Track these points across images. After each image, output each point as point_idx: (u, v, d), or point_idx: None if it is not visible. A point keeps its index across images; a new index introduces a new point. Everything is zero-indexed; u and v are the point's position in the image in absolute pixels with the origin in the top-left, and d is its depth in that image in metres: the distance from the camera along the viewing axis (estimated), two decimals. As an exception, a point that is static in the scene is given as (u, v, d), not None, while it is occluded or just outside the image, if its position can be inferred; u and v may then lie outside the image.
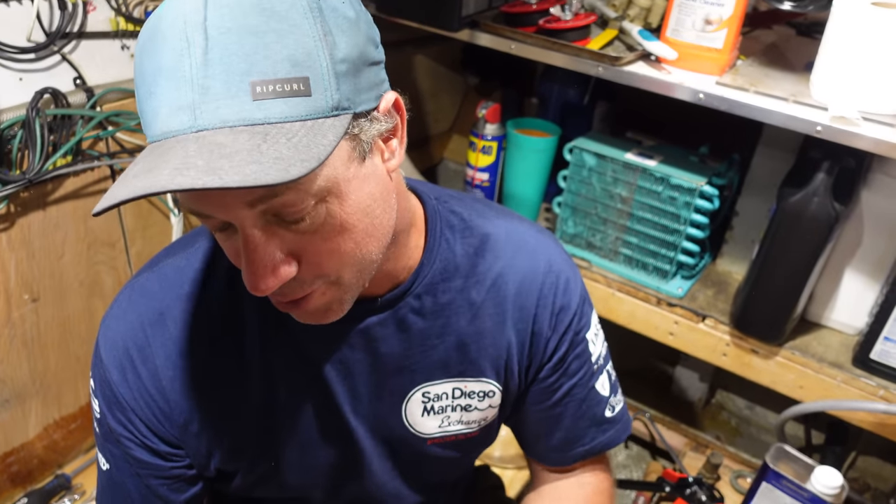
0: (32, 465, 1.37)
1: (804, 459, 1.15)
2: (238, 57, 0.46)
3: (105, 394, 0.68)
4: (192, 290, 0.67)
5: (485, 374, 0.75)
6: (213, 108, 0.46)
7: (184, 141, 0.46)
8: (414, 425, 0.75)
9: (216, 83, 0.46)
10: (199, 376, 0.67)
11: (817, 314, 1.33)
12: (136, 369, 0.66)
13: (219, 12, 0.46)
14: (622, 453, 1.85)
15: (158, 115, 0.47)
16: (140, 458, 0.69)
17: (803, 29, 1.41)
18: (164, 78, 0.47)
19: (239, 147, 0.45)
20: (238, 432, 0.70)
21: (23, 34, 1.08)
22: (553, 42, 1.23)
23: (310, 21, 0.48)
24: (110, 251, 1.35)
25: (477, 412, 0.77)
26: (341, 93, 0.49)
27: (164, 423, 0.68)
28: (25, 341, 1.26)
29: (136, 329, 0.66)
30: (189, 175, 0.43)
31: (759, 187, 1.34)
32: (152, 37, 0.48)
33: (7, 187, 1.10)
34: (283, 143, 0.46)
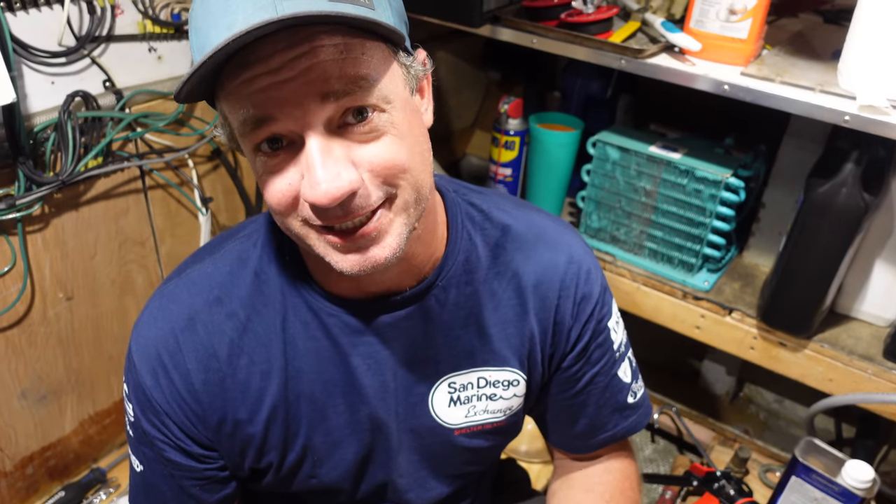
0: (69, 460, 1.41)
1: (834, 453, 1.13)
2: None
3: (139, 398, 0.69)
4: (220, 294, 0.69)
5: (508, 364, 0.76)
6: (294, 4, 0.49)
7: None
8: (441, 416, 0.76)
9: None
10: (230, 378, 0.69)
11: (847, 306, 1.31)
12: (168, 374, 0.68)
13: None
14: (649, 447, 1.84)
15: (234, 26, 0.49)
16: (174, 459, 0.71)
17: (830, 16, 1.39)
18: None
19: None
20: (269, 430, 0.71)
21: (54, 39, 1.11)
22: (575, 35, 1.22)
23: None
24: (141, 250, 1.38)
25: (502, 401, 0.78)
26: (395, 21, 0.55)
27: (197, 426, 0.70)
28: (61, 339, 1.30)
29: (167, 335, 0.68)
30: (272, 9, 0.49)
31: (786, 178, 1.32)
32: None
33: (41, 189, 1.13)
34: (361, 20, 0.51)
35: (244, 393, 0.69)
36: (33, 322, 1.24)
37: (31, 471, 1.34)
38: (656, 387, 1.80)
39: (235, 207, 1.54)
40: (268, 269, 0.69)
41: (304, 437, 0.73)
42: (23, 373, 1.25)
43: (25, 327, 1.23)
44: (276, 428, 0.71)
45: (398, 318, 0.70)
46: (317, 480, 0.76)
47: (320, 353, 0.70)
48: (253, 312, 0.69)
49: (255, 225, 0.73)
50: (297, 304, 0.69)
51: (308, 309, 0.69)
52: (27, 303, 1.22)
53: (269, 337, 0.69)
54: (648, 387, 0.86)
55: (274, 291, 0.69)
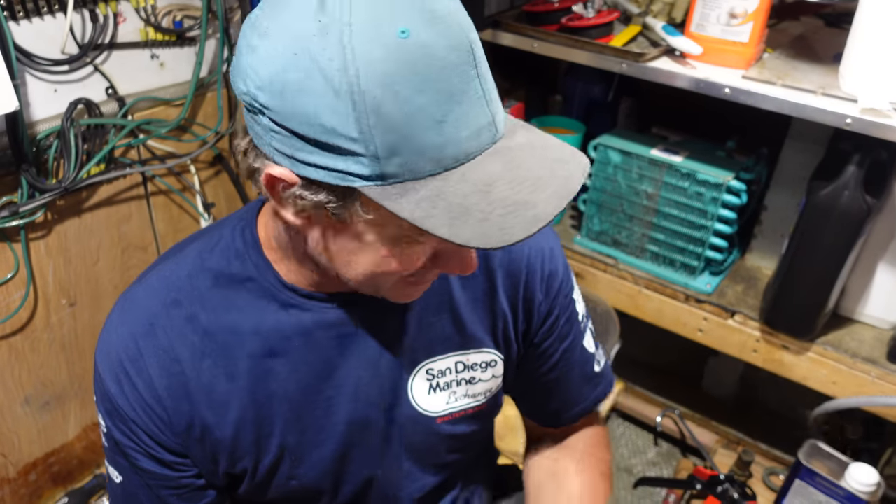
0: (72, 466, 1.41)
1: (838, 456, 1.13)
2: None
3: (107, 408, 0.69)
4: (178, 296, 0.68)
5: (484, 345, 0.77)
6: (501, 117, 0.54)
7: (498, 155, 0.53)
8: (421, 404, 0.76)
9: (493, 93, 0.53)
10: (194, 381, 0.68)
11: (850, 309, 1.30)
12: (131, 381, 0.67)
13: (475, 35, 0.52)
14: (652, 451, 1.84)
15: (461, 140, 0.51)
16: (147, 468, 0.70)
17: (832, 19, 1.39)
18: (452, 102, 0.50)
19: (548, 143, 0.56)
20: (239, 432, 0.71)
21: (57, 47, 1.11)
22: (576, 40, 1.23)
23: None
24: (143, 255, 1.38)
25: (482, 384, 0.79)
26: None
27: (165, 433, 0.69)
28: (64, 345, 1.30)
29: (127, 342, 0.67)
30: (562, 184, 0.53)
31: (788, 181, 1.32)
32: (423, 67, 0.48)
33: (44, 196, 1.13)
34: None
35: (209, 396, 0.69)
36: (36, 328, 1.24)
37: (34, 477, 1.34)
38: (659, 390, 1.79)
39: (238, 213, 1.54)
40: (231, 271, 0.69)
41: (278, 437, 0.72)
42: (26, 379, 1.26)
43: (28, 334, 1.23)
44: (246, 430, 0.71)
45: (369, 310, 0.70)
46: (296, 482, 0.75)
47: (292, 352, 0.70)
48: (214, 314, 0.68)
49: (217, 230, 0.72)
50: (263, 303, 0.69)
51: (278, 306, 0.69)
52: (30, 309, 1.22)
53: (233, 338, 0.68)
54: (652, 390, 0.87)
55: (238, 292, 0.69)
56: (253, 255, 0.68)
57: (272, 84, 0.50)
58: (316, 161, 0.51)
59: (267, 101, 0.51)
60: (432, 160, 0.51)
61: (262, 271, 0.68)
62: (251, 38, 0.52)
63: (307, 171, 0.53)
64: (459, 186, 0.51)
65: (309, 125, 0.50)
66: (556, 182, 0.53)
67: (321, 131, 0.50)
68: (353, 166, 0.51)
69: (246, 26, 0.54)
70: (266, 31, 0.51)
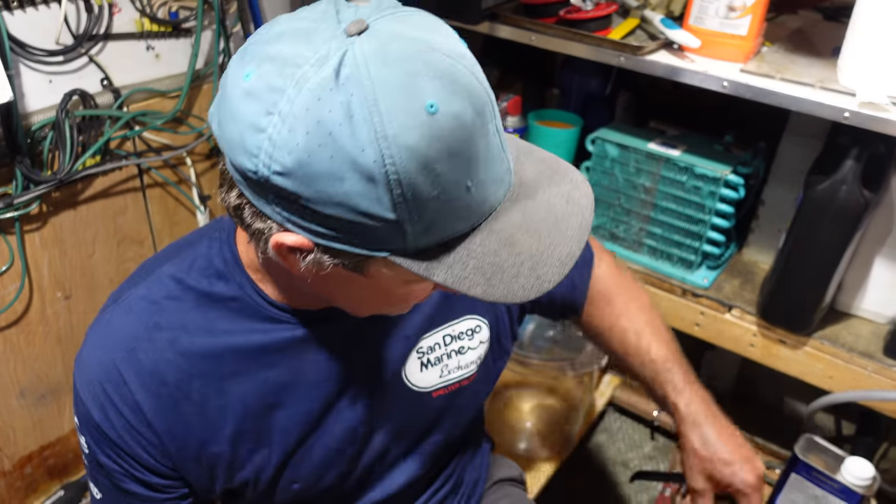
0: (68, 459, 1.41)
1: (834, 450, 1.13)
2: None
3: (91, 433, 0.67)
4: (159, 319, 0.66)
5: (467, 312, 0.78)
6: (511, 161, 0.54)
7: (516, 201, 0.53)
8: (415, 383, 0.77)
9: (505, 137, 0.53)
10: (184, 401, 0.67)
11: (847, 303, 1.31)
12: (117, 408, 0.66)
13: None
14: (648, 445, 1.84)
15: (486, 197, 0.51)
16: (132, 490, 0.69)
17: (830, 13, 1.38)
18: (478, 166, 0.49)
19: (554, 169, 0.57)
20: (237, 445, 0.70)
21: (51, 37, 1.10)
22: (574, 32, 1.22)
23: None
24: (139, 248, 1.38)
25: (471, 352, 0.79)
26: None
27: (155, 456, 0.68)
28: (59, 338, 1.29)
29: (108, 368, 0.65)
30: (577, 229, 0.55)
31: (786, 175, 1.32)
32: (455, 140, 0.47)
33: (39, 187, 1.12)
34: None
35: (202, 413, 0.67)
36: (31, 321, 1.24)
37: (29, 470, 1.34)
38: (656, 384, 1.79)
39: (234, 206, 1.53)
40: (213, 290, 0.67)
41: (278, 445, 0.72)
42: (21, 372, 1.25)
43: (23, 326, 1.23)
44: (243, 443, 0.70)
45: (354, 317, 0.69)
46: (299, 485, 0.75)
47: (283, 362, 0.69)
48: (198, 336, 0.66)
49: (188, 250, 0.70)
50: (250, 320, 0.67)
51: (266, 322, 0.67)
52: (25, 302, 1.21)
53: (220, 357, 0.67)
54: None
55: (222, 312, 0.67)
56: (237, 275, 0.67)
57: (296, 173, 0.46)
58: (341, 237, 0.50)
59: (289, 186, 0.47)
60: (461, 222, 0.50)
61: (246, 290, 0.67)
62: (251, 112, 0.47)
63: (329, 243, 0.50)
64: (487, 243, 0.51)
65: (338, 209, 0.47)
66: (574, 215, 0.55)
67: (352, 215, 0.48)
68: (384, 242, 0.50)
69: (236, 91, 0.48)
70: (274, 109, 0.46)
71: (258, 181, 0.48)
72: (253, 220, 0.53)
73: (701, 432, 0.85)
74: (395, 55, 0.46)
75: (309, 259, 0.52)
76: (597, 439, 1.85)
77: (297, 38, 0.47)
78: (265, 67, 0.47)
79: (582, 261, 0.92)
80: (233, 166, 0.50)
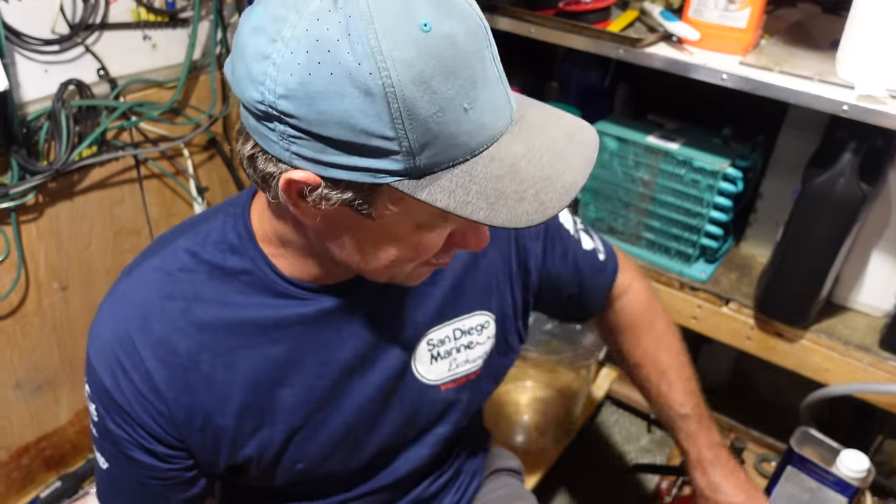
0: (65, 450, 1.41)
1: (830, 443, 1.13)
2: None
3: (101, 399, 0.68)
4: (172, 290, 0.67)
5: (477, 307, 0.79)
6: (513, 96, 0.55)
7: (518, 133, 0.54)
8: (425, 375, 0.77)
9: (503, 73, 0.53)
10: (193, 371, 0.68)
11: (843, 297, 1.31)
12: (128, 374, 0.66)
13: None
14: (645, 438, 1.85)
15: (484, 123, 0.52)
16: (138, 458, 0.70)
17: (829, 6, 1.38)
18: (476, 88, 0.50)
19: (558, 115, 0.58)
20: (242, 420, 0.71)
21: (47, 26, 1.10)
22: (573, 25, 1.22)
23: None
24: (136, 239, 1.37)
25: (479, 347, 0.81)
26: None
27: (162, 425, 0.68)
28: (56, 328, 1.29)
29: (122, 336, 0.67)
30: (581, 154, 0.56)
31: (784, 169, 1.32)
32: (449, 58, 0.49)
33: (35, 178, 1.12)
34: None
35: (210, 386, 0.68)
36: (28, 312, 1.23)
37: (26, 461, 1.34)
38: (653, 377, 1.80)
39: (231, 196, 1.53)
40: (226, 264, 0.68)
41: (283, 423, 0.72)
42: (17, 363, 1.25)
43: (20, 317, 1.22)
44: (249, 418, 0.71)
45: (369, 294, 0.70)
46: (303, 465, 0.76)
47: (292, 339, 0.70)
48: (210, 307, 0.68)
49: (203, 224, 0.71)
50: (261, 294, 0.68)
51: (276, 298, 0.68)
52: (21, 293, 1.21)
53: (230, 329, 0.68)
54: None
55: (234, 285, 0.68)
56: (249, 248, 0.68)
57: (298, 93, 0.49)
58: (344, 162, 0.51)
59: (291, 110, 0.49)
60: (461, 147, 0.51)
61: (258, 264, 0.68)
62: (258, 43, 0.50)
63: (333, 173, 0.52)
64: (489, 169, 0.52)
65: (339, 129, 0.49)
66: (575, 151, 0.55)
67: (352, 134, 0.49)
68: (385, 164, 0.50)
69: (245, 30, 0.52)
70: (277, 36, 0.49)
71: (265, 112, 0.51)
72: (265, 165, 0.55)
73: (708, 478, 0.92)
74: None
75: (315, 195, 0.54)
76: (594, 432, 1.85)
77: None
78: (271, 4, 0.50)
79: (595, 267, 0.92)
80: (244, 108, 0.53)
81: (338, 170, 0.51)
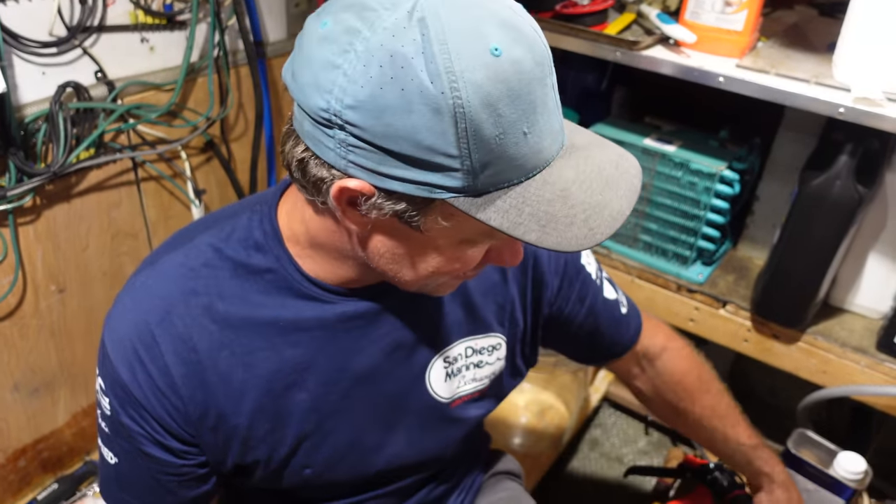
0: (62, 452, 1.40)
1: (827, 445, 1.13)
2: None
3: (117, 393, 0.68)
4: (195, 286, 0.67)
5: (492, 329, 0.79)
6: (563, 122, 0.57)
7: (569, 158, 0.56)
8: (438, 392, 0.77)
9: (559, 101, 0.56)
10: (211, 370, 0.67)
11: (840, 298, 1.31)
12: (146, 368, 0.66)
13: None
14: (643, 440, 1.85)
15: (541, 147, 0.53)
16: (152, 454, 0.70)
17: (826, 9, 1.39)
18: (536, 114, 0.52)
19: (603, 142, 0.60)
20: (254, 421, 0.70)
21: (44, 29, 1.10)
22: (570, 27, 1.22)
23: None
24: (133, 242, 1.37)
25: (487, 367, 0.81)
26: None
27: (177, 421, 0.68)
28: (53, 331, 1.29)
29: (141, 329, 0.66)
30: (627, 186, 0.57)
31: (781, 171, 1.32)
32: (515, 83, 0.50)
33: (32, 180, 1.12)
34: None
35: (226, 385, 0.68)
36: (25, 314, 1.23)
37: (23, 463, 1.34)
38: (650, 379, 1.80)
39: (229, 199, 1.53)
40: (250, 262, 0.68)
41: (295, 427, 0.72)
42: (15, 365, 1.25)
43: (17, 320, 1.22)
44: (262, 420, 0.70)
45: (391, 302, 0.70)
46: (310, 470, 0.76)
47: (311, 343, 0.69)
48: (232, 304, 0.67)
49: (228, 220, 0.71)
50: (283, 294, 0.68)
51: (299, 298, 0.68)
52: (19, 295, 1.21)
53: (251, 328, 0.68)
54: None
55: (257, 283, 0.68)
56: (275, 247, 0.68)
57: (367, 105, 0.49)
58: (402, 175, 0.52)
59: (357, 120, 0.50)
60: (518, 169, 0.52)
61: (283, 263, 0.68)
62: (327, 53, 0.51)
63: (390, 184, 0.53)
64: (542, 192, 0.53)
65: (403, 143, 0.50)
66: (623, 180, 0.57)
67: (416, 149, 0.50)
68: (444, 180, 0.51)
69: (313, 38, 0.52)
70: (350, 47, 0.50)
71: (328, 119, 0.51)
72: (317, 170, 0.55)
73: (790, 493, 0.98)
74: (464, 2, 0.50)
75: (369, 205, 0.54)
76: (591, 434, 1.85)
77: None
78: (341, 15, 0.51)
79: (613, 317, 0.91)
80: (303, 113, 0.54)
81: (395, 181, 0.52)
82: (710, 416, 1.00)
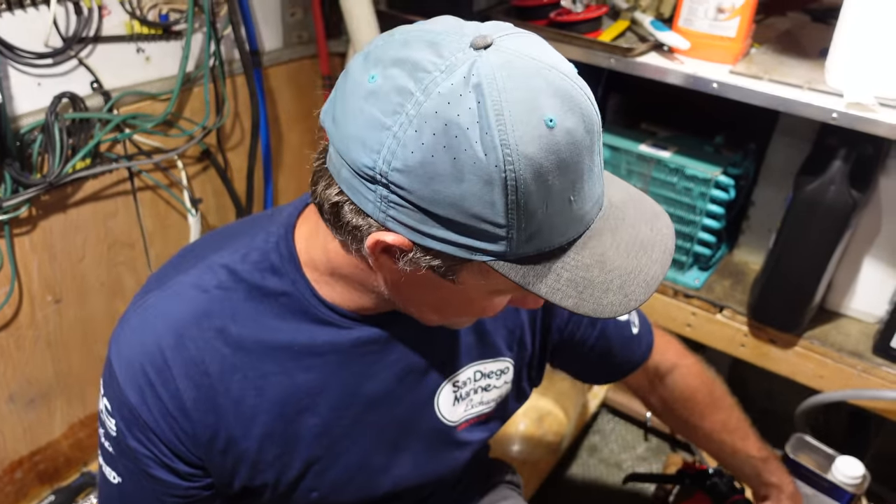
0: (59, 464, 1.40)
1: (825, 449, 1.13)
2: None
3: (124, 415, 0.67)
4: (209, 308, 0.66)
5: (501, 353, 0.79)
6: (604, 188, 0.57)
7: (606, 220, 0.56)
8: (446, 415, 0.77)
9: (602, 164, 0.55)
10: (223, 395, 0.67)
11: (836, 303, 1.31)
12: (155, 391, 0.65)
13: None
14: (641, 446, 1.84)
15: (583, 215, 0.53)
16: (158, 476, 0.69)
17: (818, 15, 1.39)
18: (582, 181, 0.52)
19: (636, 196, 0.60)
20: (263, 445, 0.70)
21: (40, 40, 1.10)
22: (564, 35, 1.23)
23: None
24: (130, 252, 1.37)
25: (495, 390, 0.81)
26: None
27: (186, 444, 0.67)
28: (49, 342, 1.29)
29: (152, 351, 0.65)
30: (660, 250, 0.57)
31: (776, 176, 1.33)
32: (566, 153, 0.49)
33: (28, 191, 1.12)
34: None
35: (237, 409, 0.67)
36: (21, 325, 1.23)
37: (20, 475, 1.33)
38: (648, 385, 1.80)
39: (225, 209, 1.53)
40: (265, 284, 0.67)
41: (304, 451, 0.71)
42: (11, 376, 1.24)
43: (13, 330, 1.22)
44: (272, 444, 0.70)
45: (404, 328, 0.70)
46: (318, 494, 0.75)
47: (324, 367, 0.69)
48: (246, 328, 0.66)
49: (243, 239, 0.70)
50: (298, 318, 0.67)
51: (313, 323, 0.67)
52: (15, 306, 1.21)
53: (264, 352, 0.67)
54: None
55: (272, 307, 0.67)
56: (291, 271, 0.67)
57: (416, 171, 0.48)
58: (444, 236, 0.51)
59: (405, 184, 0.49)
60: (560, 236, 0.52)
61: (299, 287, 0.67)
62: (376, 111, 0.49)
63: (429, 243, 0.52)
64: (580, 258, 0.53)
65: (450, 209, 0.49)
66: (658, 241, 0.57)
67: (462, 216, 0.49)
68: (486, 245, 0.51)
69: (359, 91, 0.51)
70: (401, 109, 0.48)
71: (372, 177, 0.50)
72: (352, 218, 0.54)
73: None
74: (520, 71, 0.49)
75: (405, 259, 0.54)
76: (590, 441, 1.85)
77: (425, 46, 0.50)
78: (391, 71, 0.50)
79: (624, 338, 0.91)
80: (343, 161, 0.52)
81: (435, 241, 0.52)
82: (721, 430, 1.00)
